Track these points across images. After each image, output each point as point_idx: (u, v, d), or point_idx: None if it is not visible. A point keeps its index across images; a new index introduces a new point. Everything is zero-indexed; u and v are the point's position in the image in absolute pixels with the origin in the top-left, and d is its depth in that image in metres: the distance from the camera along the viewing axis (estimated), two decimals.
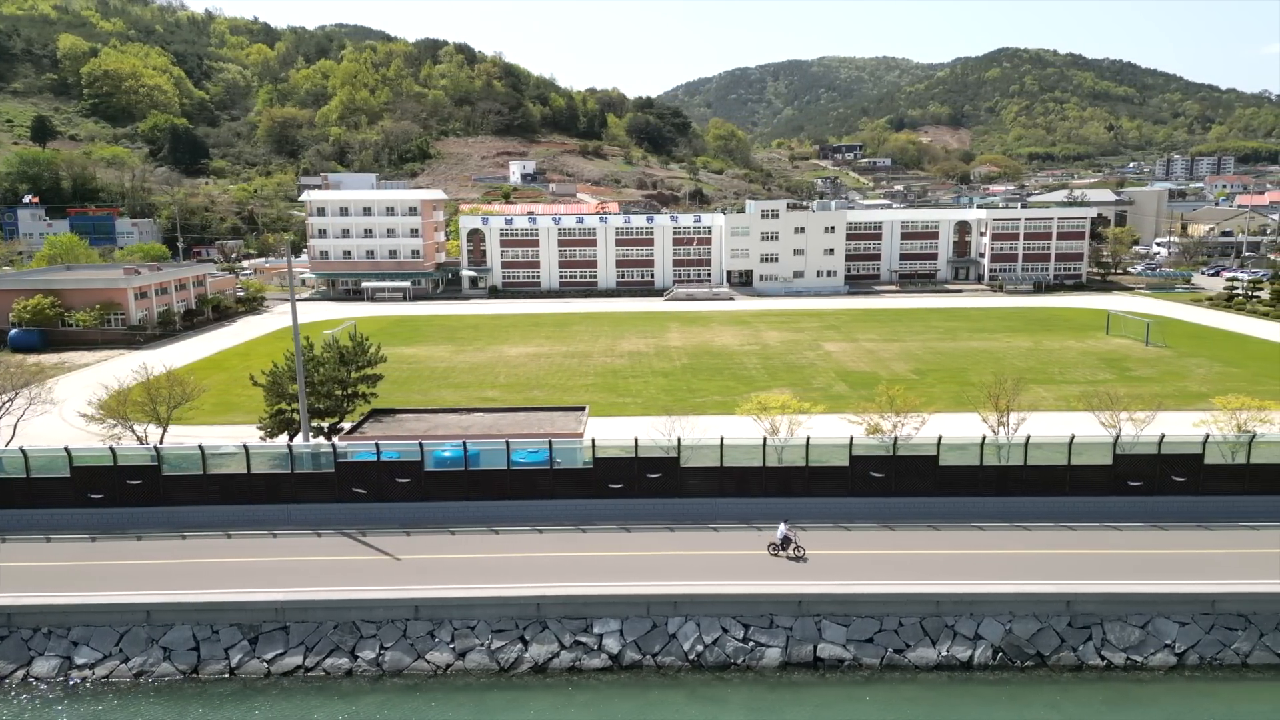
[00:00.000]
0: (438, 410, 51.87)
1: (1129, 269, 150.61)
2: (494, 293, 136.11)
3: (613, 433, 46.31)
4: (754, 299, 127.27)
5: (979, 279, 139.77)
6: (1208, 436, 40.14)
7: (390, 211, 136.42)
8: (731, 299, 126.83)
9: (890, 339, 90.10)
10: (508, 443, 40.37)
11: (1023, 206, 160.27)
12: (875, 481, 40.13)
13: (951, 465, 40.46)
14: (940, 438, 40.55)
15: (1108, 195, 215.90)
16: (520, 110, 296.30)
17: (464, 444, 40.27)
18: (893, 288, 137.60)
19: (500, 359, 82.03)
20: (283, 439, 47.08)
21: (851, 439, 40.77)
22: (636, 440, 40.85)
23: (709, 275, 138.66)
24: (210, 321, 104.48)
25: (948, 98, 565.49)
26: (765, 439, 41.56)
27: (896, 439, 41.35)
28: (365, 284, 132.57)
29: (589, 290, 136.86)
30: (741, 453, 41.62)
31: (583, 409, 51.08)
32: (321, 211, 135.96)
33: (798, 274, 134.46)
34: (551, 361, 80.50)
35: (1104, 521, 38.81)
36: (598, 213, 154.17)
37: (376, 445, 40.47)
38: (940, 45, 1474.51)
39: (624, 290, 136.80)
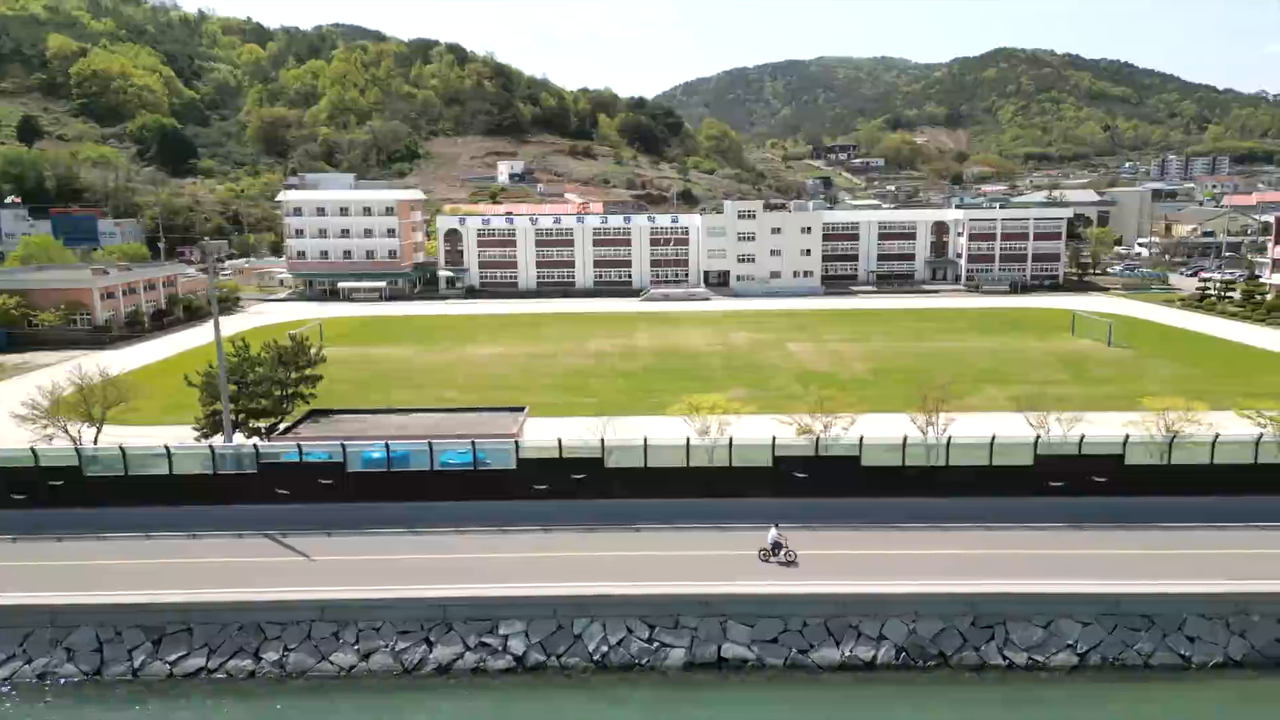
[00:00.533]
0: (377, 411, 51.88)
1: (1108, 270, 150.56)
2: (471, 293, 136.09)
3: (563, 433, 46.02)
4: (730, 299, 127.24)
5: (956, 279, 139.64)
6: (1127, 437, 40.16)
7: (367, 212, 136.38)
8: (708, 299, 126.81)
9: (856, 339, 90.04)
10: (430, 444, 40.37)
11: (1001, 207, 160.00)
12: (799, 482, 40.12)
13: (875, 466, 40.46)
14: (862, 438, 40.56)
15: (1091, 195, 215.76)
16: (510, 110, 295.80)
17: (386, 445, 40.29)
18: (870, 288, 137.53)
19: (463, 359, 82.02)
20: (217, 440, 47.05)
21: (774, 439, 40.73)
22: (560, 441, 40.86)
23: (687, 276, 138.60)
24: (180, 322, 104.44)
25: (945, 98, 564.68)
26: (689, 439, 41.57)
27: (819, 439, 41.33)
28: (341, 284, 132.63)
29: (567, 290, 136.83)
30: (669, 453, 41.52)
31: (522, 410, 51.10)
32: (298, 211, 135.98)
33: (774, 274, 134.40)
34: (515, 362, 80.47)
35: (1024, 522, 38.76)
36: (576, 213, 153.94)
37: (299, 446, 40.50)
38: (938, 45, 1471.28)
39: (602, 290, 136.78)
